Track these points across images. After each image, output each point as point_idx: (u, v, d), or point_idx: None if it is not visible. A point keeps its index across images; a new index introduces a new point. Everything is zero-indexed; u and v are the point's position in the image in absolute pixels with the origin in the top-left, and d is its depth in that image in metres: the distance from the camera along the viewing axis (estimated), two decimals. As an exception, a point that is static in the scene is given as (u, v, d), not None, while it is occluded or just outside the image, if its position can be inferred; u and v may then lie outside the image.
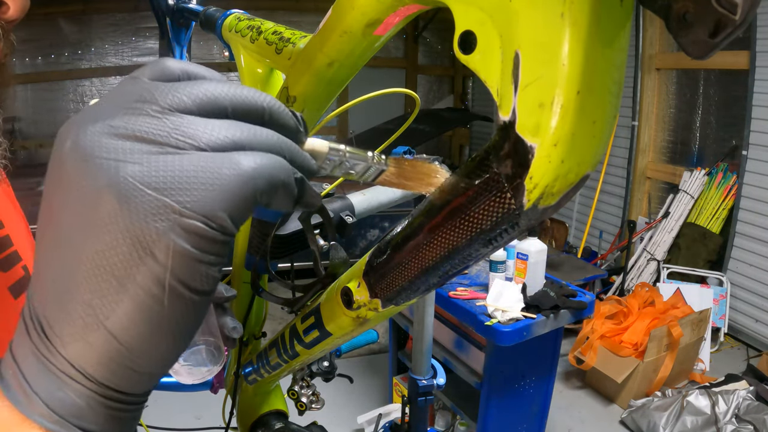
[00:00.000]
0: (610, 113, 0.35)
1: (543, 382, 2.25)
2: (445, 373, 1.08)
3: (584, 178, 0.35)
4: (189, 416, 2.44)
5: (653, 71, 4.29)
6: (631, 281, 4.03)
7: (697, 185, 3.88)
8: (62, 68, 6.03)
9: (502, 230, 0.37)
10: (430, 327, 1.03)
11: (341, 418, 2.74)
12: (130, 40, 6.18)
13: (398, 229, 0.48)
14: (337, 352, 1.11)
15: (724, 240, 3.74)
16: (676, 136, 4.30)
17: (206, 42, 6.08)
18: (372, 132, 5.28)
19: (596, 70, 0.32)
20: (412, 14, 0.52)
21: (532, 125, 0.33)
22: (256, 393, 1.04)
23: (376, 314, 0.55)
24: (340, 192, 0.82)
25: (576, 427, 2.76)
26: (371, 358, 3.32)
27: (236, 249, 0.99)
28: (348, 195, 0.77)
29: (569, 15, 0.30)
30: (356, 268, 0.57)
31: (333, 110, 0.83)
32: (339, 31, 0.58)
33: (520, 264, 2.13)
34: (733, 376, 2.94)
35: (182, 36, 1.45)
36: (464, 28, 0.37)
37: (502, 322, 1.93)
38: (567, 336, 2.99)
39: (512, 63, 0.33)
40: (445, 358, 2.23)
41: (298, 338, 0.73)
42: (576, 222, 4.86)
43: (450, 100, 7.53)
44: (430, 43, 7.32)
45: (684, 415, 2.52)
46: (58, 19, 5.87)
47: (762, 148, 3.50)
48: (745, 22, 0.25)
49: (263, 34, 0.85)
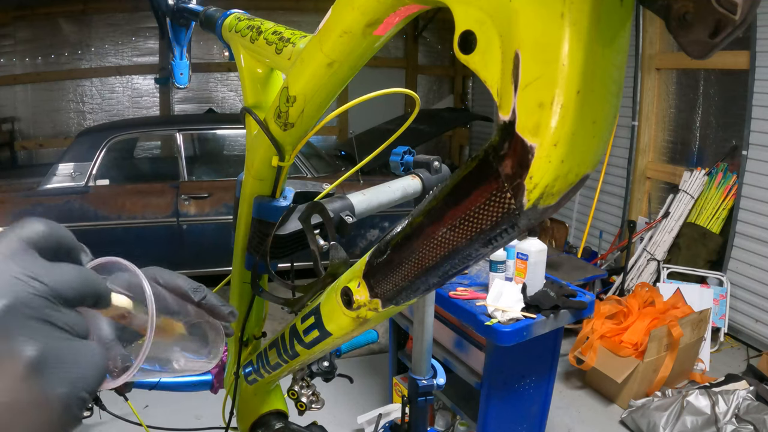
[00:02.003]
0: (610, 113, 0.35)
1: (543, 382, 2.25)
2: (445, 373, 1.08)
3: (584, 178, 0.35)
4: (189, 416, 2.44)
5: (653, 71, 4.29)
6: (631, 281, 4.03)
7: (697, 185, 3.88)
8: (62, 68, 6.03)
9: (502, 230, 0.37)
10: (430, 327, 1.03)
11: (341, 418, 2.74)
12: (130, 40, 6.18)
13: (398, 229, 0.48)
14: (337, 352, 1.12)
15: (724, 240, 3.74)
16: (676, 136, 4.30)
17: (206, 42, 6.09)
18: (372, 132, 5.28)
19: (596, 70, 0.32)
20: (412, 14, 0.52)
21: (532, 125, 0.33)
22: (256, 393, 1.04)
23: (376, 314, 0.55)
24: (340, 192, 0.82)
25: (576, 427, 2.76)
26: (371, 358, 3.32)
27: (236, 249, 0.99)
28: (348, 195, 0.77)
29: (569, 15, 0.30)
30: (356, 268, 0.57)
31: (333, 110, 0.83)
32: (339, 31, 0.58)
33: (520, 264, 2.13)
34: (733, 376, 2.94)
35: (182, 36, 1.45)
36: (464, 28, 0.37)
37: (502, 322, 1.93)
38: (567, 336, 2.99)
39: (512, 63, 0.33)
40: (445, 358, 2.23)
41: (298, 338, 0.73)
42: (576, 222, 4.86)
43: (450, 100, 7.53)
44: (430, 43, 7.32)
45: (684, 415, 2.52)
46: (58, 19, 5.87)
47: (762, 148, 3.50)
48: (745, 22, 0.25)
49: (263, 34, 0.85)
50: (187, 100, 6.43)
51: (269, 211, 0.89)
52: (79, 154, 3.89)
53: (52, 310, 0.31)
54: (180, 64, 1.50)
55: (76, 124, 6.13)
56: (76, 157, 3.88)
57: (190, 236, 4.01)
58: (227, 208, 3.97)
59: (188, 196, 3.98)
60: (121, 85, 6.27)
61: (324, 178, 3.95)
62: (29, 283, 0.31)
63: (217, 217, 4.00)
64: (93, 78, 6.15)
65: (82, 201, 3.81)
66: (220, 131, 5.01)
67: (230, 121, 4.65)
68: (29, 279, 0.31)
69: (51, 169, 3.85)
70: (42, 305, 0.31)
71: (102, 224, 3.84)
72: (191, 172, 4.20)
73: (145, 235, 3.93)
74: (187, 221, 3.98)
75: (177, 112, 6.40)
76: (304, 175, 4.11)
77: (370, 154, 0.90)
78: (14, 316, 0.29)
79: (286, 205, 0.90)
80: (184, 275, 0.49)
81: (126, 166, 4.59)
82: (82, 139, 4.00)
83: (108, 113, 6.20)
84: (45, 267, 0.32)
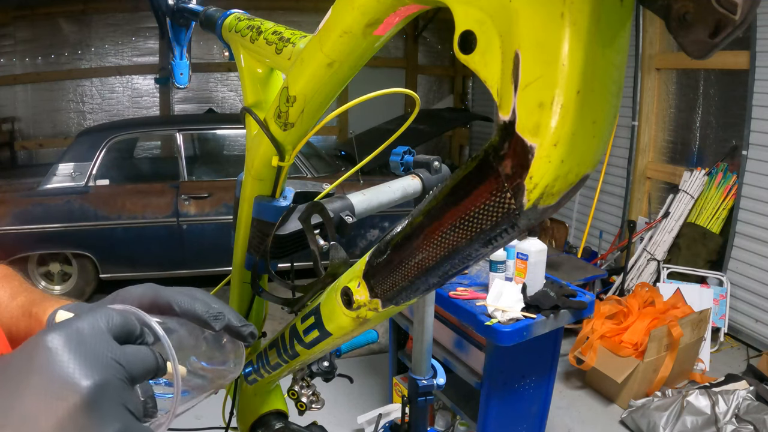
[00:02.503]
0: (610, 113, 0.35)
1: (543, 382, 2.25)
2: (445, 373, 1.08)
3: (584, 179, 0.35)
4: (189, 416, 2.44)
5: (653, 71, 4.29)
6: (631, 281, 4.03)
7: (697, 185, 3.88)
8: (62, 68, 6.03)
9: (502, 230, 0.37)
10: (430, 327, 1.03)
11: (341, 418, 2.74)
12: (130, 40, 6.18)
13: (398, 229, 0.48)
14: (337, 352, 1.11)
15: (724, 240, 3.74)
16: (676, 136, 4.30)
17: (206, 42, 6.08)
18: (372, 132, 5.28)
19: (596, 70, 0.32)
20: (412, 14, 0.52)
21: (532, 125, 0.33)
22: (256, 393, 1.04)
23: (376, 314, 0.55)
24: (340, 192, 0.82)
25: (576, 427, 2.76)
26: (371, 358, 3.32)
27: (236, 249, 0.99)
28: (348, 195, 0.77)
29: (569, 15, 0.30)
30: (356, 268, 0.57)
31: (333, 110, 0.83)
32: (339, 31, 0.58)
33: (520, 264, 2.13)
34: (733, 376, 2.94)
35: (182, 36, 1.45)
36: (464, 28, 0.37)
37: (502, 322, 1.93)
38: (567, 336, 2.99)
39: (512, 63, 0.33)
40: (445, 358, 2.23)
41: (298, 338, 0.73)
42: (576, 222, 4.86)
43: (450, 100, 7.53)
44: (430, 43, 7.32)
45: (684, 415, 2.52)
46: (58, 19, 5.87)
47: (762, 148, 3.50)
48: (745, 22, 0.25)
49: (263, 34, 0.85)
50: (187, 100, 6.43)
51: (269, 211, 0.89)
52: (79, 154, 3.89)
53: (127, 392, 0.36)
54: (180, 64, 1.50)
55: (76, 124, 6.13)
56: (76, 157, 3.88)
57: (190, 236, 4.01)
58: (227, 208, 3.96)
59: (188, 196, 3.98)
60: (121, 85, 6.27)
61: (324, 178, 3.95)
62: (114, 365, 0.36)
63: (217, 217, 4.00)
64: (93, 78, 6.15)
65: (82, 201, 3.81)
66: (220, 131, 5.01)
67: (230, 121, 4.65)
68: (114, 362, 0.36)
69: (51, 169, 3.85)
70: (121, 387, 0.36)
71: (102, 224, 3.84)
72: (191, 172, 4.20)
73: (145, 235, 3.93)
74: (187, 221, 3.98)
75: (177, 112, 6.40)
76: (304, 175, 4.11)
77: (370, 154, 0.90)
78: (104, 395, 0.34)
79: (286, 205, 0.90)
80: (202, 297, 0.49)
81: (126, 166, 4.59)
82: (82, 139, 4.01)
83: (108, 113, 6.20)
84: (122, 351, 0.37)
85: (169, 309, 0.47)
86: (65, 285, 4.02)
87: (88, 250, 3.88)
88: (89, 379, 0.34)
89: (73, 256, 3.93)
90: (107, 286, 4.05)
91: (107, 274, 3.98)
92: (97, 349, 0.36)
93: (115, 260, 3.96)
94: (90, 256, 3.91)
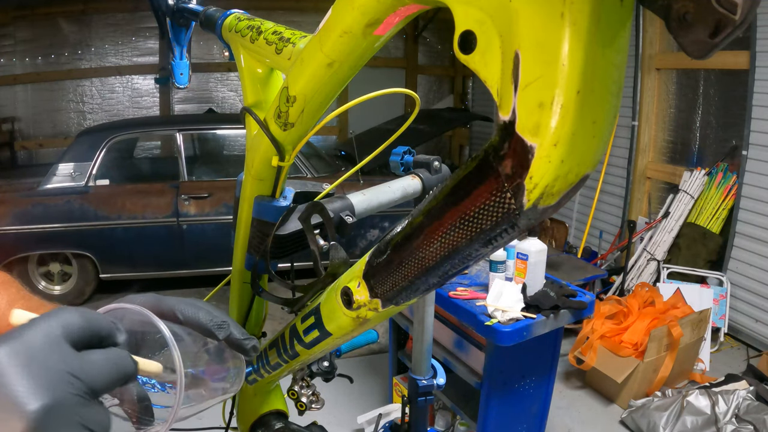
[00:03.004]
0: (610, 113, 0.35)
1: (543, 382, 2.25)
2: (445, 373, 1.08)
3: (584, 179, 0.35)
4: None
5: (653, 71, 4.29)
6: (631, 281, 4.03)
7: (697, 185, 3.88)
8: (62, 68, 6.03)
9: (502, 230, 0.37)
10: (430, 327, 1.03)
11: (341, 418, 2.74)
12: (130, 40, 6.18)
13: (398, 229, 0.48)
14: (337, 352, 1.11)
15: (724, 240, 3.74)
16: (676, 136, 4.30)
17: (206, 42, 6.08)
18: (372, 132, 5.28)
19: (596, 70, 0.32)
20: (412, 14, 0.52)
21: (532, 125, 0.33)
22: (256, 393, 1.04)
23: (376, 314, 0.55)
24: (340, 192, 0.82)
25: (576, 427, 2.76)
26: (371, 358, 3.32)
27: (236, 249, 0.99)
28: (348, 195, 0.77)
29: (569, 15, 0.30)
30: (356, 268, 0.57)
31: (333, 110, 0.82)
32: (339, 31, 0.58)
33: (520, 264, 2.13)
34: (733, 376, 2.94)
35: (182, 36, 1.45)
36: (464, 28, 0.37)
37: (502, 322, 1.93)
38: (567, 336, 2.99)
39: (512, 63, 0.33)
40: (445, 358, 2.23)
41: (298, 338, 0.73)
42: (576, 222, 4.85)
43: (450, 100, 7.53)
44: (430, 43, 7.32)
45: (684, 415, 2.52)
46: (58, 19, 5.87)
47: (762, 148, 3.50)
48: (745, 22, 0.25)
49: (263, 34, 0.85)
50: (187, 100, 6.43)
51: (269, 211, 0.89)
52: (79, 154, 3.89)
53: (86, 408, 0.33)
54: (180, 64, 1.50)
55: (76, 124, 6.13)
56: (76, 157, 3.88)
57: (190, 236, 4.01)
58: (227, 208, 3.97)
59: (188, 196, 3.98)
60: (121, 85, 6.27)
61: (324, 178, 3.95)
62: (68, 380, 0.32)
63: (217, 217, 4.00)
64: (93, 78, 6.15)
65: (82, 201, 3.81)
66: (220, 131, 5.01)
67: (230, 121, 4.65)
68: (69, 376, 0.32)
69: (51, 169, 3.85)
70: (78, 404, 0.32)
71: (102, 224, 3.84)
72: (191, 172, 4.20)
73: (145, 235, 3.93)
74: (187, 221, 3.98)
75: (177, 112, 6.40)
76: (304, 175, 4.11)
77: (370, 154, 0.90)
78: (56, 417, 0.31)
79: (286, 205, 0.90)
80: (205, 307, 0.48)
81: (126, 166, 4.59)
82: (82, 139, 4.01)
83: (108, 113, 6.20)
84: (80, 360, 0.33)
85: (172, 317, 0.46)
86: (65, 285, 4.02)
87: (88, 250, 3.88)
88: (37, 401, 0.30)
89: (73, 256, 3.93)
90: (107, 286, 4.05)
91: (107, 274, 3.98)
92: (48, 362, 0.32)
93: (115, 260, 3.97)
94: (90, 256, 3.91)
